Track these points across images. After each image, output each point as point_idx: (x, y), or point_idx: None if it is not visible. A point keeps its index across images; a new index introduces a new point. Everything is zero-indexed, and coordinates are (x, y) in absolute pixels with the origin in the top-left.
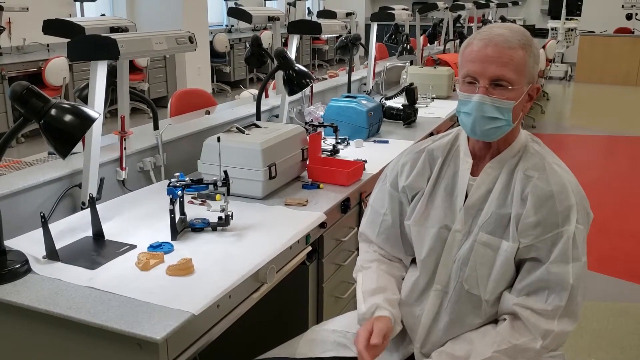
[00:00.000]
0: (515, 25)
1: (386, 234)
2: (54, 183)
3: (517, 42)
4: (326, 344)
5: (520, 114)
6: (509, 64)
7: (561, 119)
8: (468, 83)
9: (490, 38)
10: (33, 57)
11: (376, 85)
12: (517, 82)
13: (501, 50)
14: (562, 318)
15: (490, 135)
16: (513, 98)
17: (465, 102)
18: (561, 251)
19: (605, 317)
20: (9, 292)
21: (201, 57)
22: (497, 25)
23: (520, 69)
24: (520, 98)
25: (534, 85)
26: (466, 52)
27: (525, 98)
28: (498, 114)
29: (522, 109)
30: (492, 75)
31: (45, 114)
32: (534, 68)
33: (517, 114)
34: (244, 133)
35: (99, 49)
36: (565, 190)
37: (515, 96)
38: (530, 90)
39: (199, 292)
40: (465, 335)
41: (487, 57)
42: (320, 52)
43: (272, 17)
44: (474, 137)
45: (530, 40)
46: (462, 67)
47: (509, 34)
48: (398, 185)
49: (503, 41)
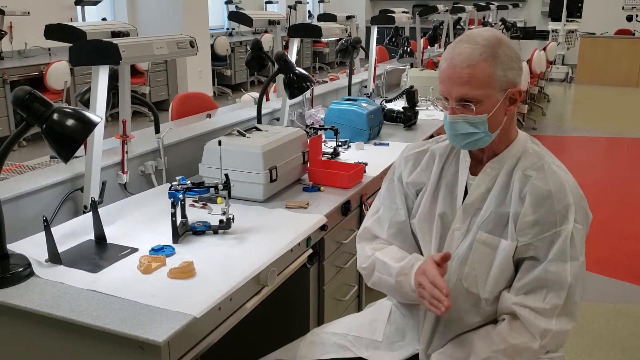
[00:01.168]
0: (483, 35)
1: (397, 228)
2: (56, 187)
3: (478, 56)
4: (327, 346)
5: (503, 120)
6: (469, 82)
7: (562, 121)
8: (445, 100)
9: (451, 58)
10: (34, 61)
11: (377, 88)
12: (484, 97)
13: (461, 70)
14: (560, 317)
15: (471, 147)
16: (484, 111)
17: (444, 118)
18: (559, 250)
19: (605, 318)
20: (12, 296)
21: (202, 61)
22: (464, 38)
23: (484, 82)
24: (494, 108)
25: (512, 90)
26: (439, 72)
27: (505, 104)
28: (472, 129)
29: (506, 113)
30: (457, 95)
31: (48, 118)
32: (507, 73)
33: (495, 122)
34: (244, 136)
35: (101, 53)
36: (563, 190)
37: (487, 109)
38: (510, 95)
39: (200, 295)
40: (465, 336)
41: (450, 78)
42: (321, 55)
43: (272, 21)
44: (459, 148)
45: (495, 49)
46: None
47: (469, 51)
48: (403, 180)
49: (462, 60)
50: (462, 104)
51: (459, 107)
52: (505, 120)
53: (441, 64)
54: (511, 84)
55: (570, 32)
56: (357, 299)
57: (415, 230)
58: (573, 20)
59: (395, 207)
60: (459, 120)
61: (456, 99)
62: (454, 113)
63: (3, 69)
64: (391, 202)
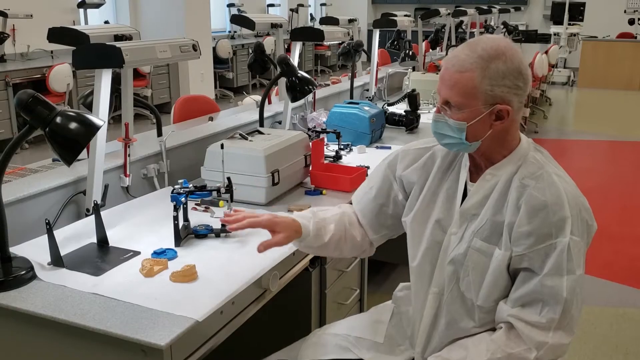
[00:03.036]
0: (486, 43)
1: (363, 204)
2: (58, 190)
3: (469, 65)
4: (328, 347)
5: (487, 132)
6: (454, 87)
7: (564, 124)
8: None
9: (447, 60)
10: (37, 63)
11: (378, 92)
12: (465, 105)
13: (450, 73)
14: (557, 330)
15: (450, 148)
16: (464, 119)
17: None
18: (555, 264)
19: (608, 322)
20: (14, 299)
21: (204, 64)
22: (470, 42)
23: (467, 91)
24: (475, 119)
25: (499, 107)
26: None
27: (490, 118)
28: (449, 132)
29: (492, 127)
30: (443, 97)
31: (51, 122)
32: (495, 89)
33: (475, 133)
34: (247, 140)
35: (104, 57)
36: (560, 201)
37: (467, 117)
38: (496, 111)
39: (202, 298)
40: (461, 342)
41: (442, 78)
42: (323, 58)
43: (274, 24)
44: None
45: (488, 61)
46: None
47: (464, 57)
48: (396, 170)
49: (453, 64)
50: (444, 107)
51: (443, 107)
52: (491, 133)
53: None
54: (499, 100)
55: (572, 36)
56: (359, 303)
57: (406, 228)
58: (575, 24)
59: (370, 185)
60: (440, 119)
61: (442, 99)
62: (438, 112)
63: (6, 71)
64: (370, 179)
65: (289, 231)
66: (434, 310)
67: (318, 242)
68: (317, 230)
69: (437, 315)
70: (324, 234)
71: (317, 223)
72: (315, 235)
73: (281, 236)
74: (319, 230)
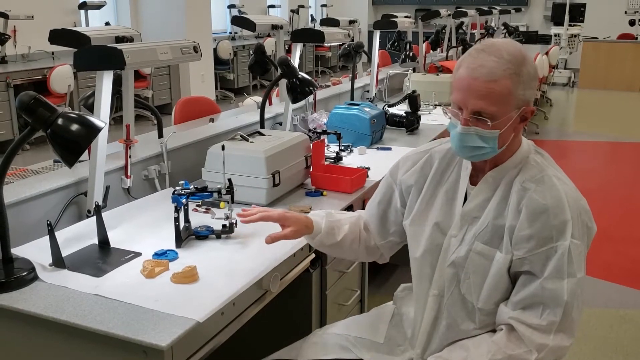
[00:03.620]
0: (508, 48)
1: (370, 210)
2: (60, 191)
3: (502, 72)
4: (328, 347)
5: (510, 137)
6: (488, 97)
7: (564, 125)
8: (456, 109)
9: (474, 69)
10: (38, 64)
11: (379, 93)
12: (499, 114)
13: (482, 83)
14: (557, 333)
15: (476, 159)
16: (497, 127)
17: (452, 127)
18: (556, 267)
19: (609, 323)
20: (16, 300)
21: (205, 65)
22: (489, 49)
23: (503, 100)
24: (506, 126)
25: (527, 108)
26: (455, 76)
27: (516, 121)
28: (481, 143)
29: (515, 130)
30: (473, 108)
31: (52, 123)
32: (526, 92)
33: (504, 139)
34: (248, 141)
35: (105, 59)
36: (561, 205)
37: (500, 125)
38: (523, 113)
39: (203, 299)
40: (462, 343)
41: (469, 88)
42: (324, 59)
43: (275, 25)
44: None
45: (519, 65)
46: (452, 91)
47: (493, 64)
48: (397, 176)
49: (485, 74)
50: (476, 117)
51: (472, 119)
52: (512, 136)
53: (460, 71)
54: (526, 102)
55: (572, 37)
56: (360, 304)
57: (406, 231)
58: (575, 25)
59: (376, 192)
60: (471, 132)
61: (472, 110)
62: (467, 125)
63: (7, 72)
64: (377, 191)
65: (298, 225)
66: (434, 312)
67: (330, 240)
68: (330, 228)
69: (437, 317)
70: (337, 233)
71: (330, 222)
72: (327, 232)
73: (290, 230)
74: (332, 229)
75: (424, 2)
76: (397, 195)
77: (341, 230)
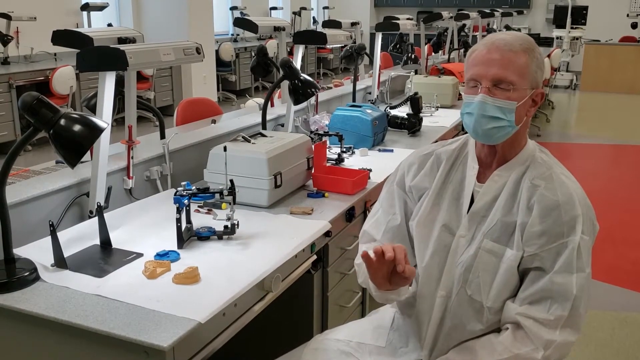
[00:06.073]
0: (519, 32)
1: (392, 233)
2: (62, 192)
3: (519, 46)
4: (330, 353)
5: (524, 118)
6: (509, 66)
7: (566, 128)
8: (472, 87)
9: (492, 42)
10: (40, 66)
11: (381, 95)
12: (518, 84)
13: (503, 53)
14: (564, 328)
15: (492, 136)
16: (515, 99)
17: (469, 104)
18: (566, 261)
19: (610, 326)
20: (17, 300)
21: (207, 66)
22: (500, 32)
23: (521, 71)
24: (523, 100)
25: (537, 90)
26: (471, 57)
27: (529, 102)
28: (500, 114)
29: (527, 114)
30: (494, 76)
31: (55, 124)
32: (537, 73)
33: (520, 116)
34: (249, 142)
35: (108, 60)
36: (571, 201)
37: (518, 97)
38: (534, 95)
39: (205, 300)
40: (468, 344)
41: (489, 60)
42: (326, 61)
43: (277, 27)
44: (476, 137)
45: (533, 46)
46: (467, 72)
47: (511, 39)
48: (405, 185)
49: (504, 44)
50: (496, 86)
51: (492, 88)
52: (525, 120)
53: (477, 50)
54: (537, 84)
55: (574, 39)
56: (361, 306)
57: (412, 233)
58: (577, 27)
59: (392, 211)
60: (490, 101)
61: (493, 79)
62: (487, 93)
63: (9, 73)
64: (389, 206)
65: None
66: (441, 313)
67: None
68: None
69: (443, 318)
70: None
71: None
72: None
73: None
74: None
75: (426, 5)
76: (410, 204)
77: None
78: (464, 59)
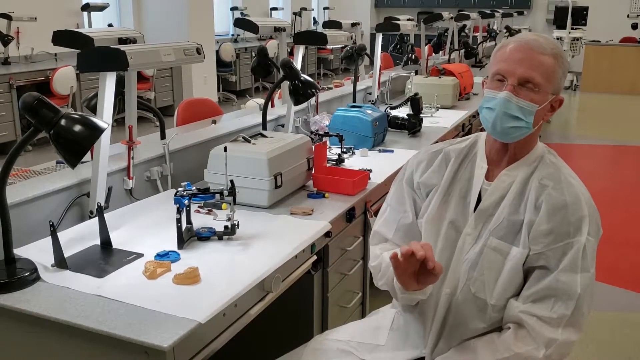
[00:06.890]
0: (549, 36)
1: (404, 231)
2: (62, 192)
3: (550, 50)
4: (330, 352)
5: (540, 120)
6: (538, 68)
7: (567, 129)
8: (497, 81)
9: (525, 41)
10: (41, 66)
11: (381, 95)
12: (543, 87)
13: (533, 54)
14: (566, 327)
15: (508, 134)
16: (537, 102)
17: (491, 99)
18: (571, 261)
19: (611, 327)
20: (18, 300)
21: (207, 67)
22: (531, 33)
23: (548, 75)
24: (544, 104)
25: (558, 97)
26: (499, 52)
27: (548, 107)
28: (520, 114)
29: (543, 118)
30: (521, 75)
31: (56, 124)
32: (561, 80)
33: (538, 119)
34: (250, 143)
35: (109, 60)
36: (578, 202)
37: (540, 100)
38: (553, 101)
39: (205, 300)
40: (469, 343)
41: (519, 58)
42: (326, 62)
43: (278, 28)
44: (494, 134)
45: (562, 52)
46: (493, 66)
47: (543, 41)
48: (413, 182)
49: (536, 46)
50: (522, 85)
51: (518, 87)
52: (540, 124)
53: (508, 46)
54: (559, 91)
55: (575, 40)
56: (361, 306)
57: (421, 229)
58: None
59: (403, 209)
60: (513, 100)
61: (520, 78)
62: (512, 91)
63: (10, 74)
64: (398, 204)
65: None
66: (445, 310)
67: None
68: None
69: (447, 316)
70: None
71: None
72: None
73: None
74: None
75: (427, 5)
76: (419, 201)
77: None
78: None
